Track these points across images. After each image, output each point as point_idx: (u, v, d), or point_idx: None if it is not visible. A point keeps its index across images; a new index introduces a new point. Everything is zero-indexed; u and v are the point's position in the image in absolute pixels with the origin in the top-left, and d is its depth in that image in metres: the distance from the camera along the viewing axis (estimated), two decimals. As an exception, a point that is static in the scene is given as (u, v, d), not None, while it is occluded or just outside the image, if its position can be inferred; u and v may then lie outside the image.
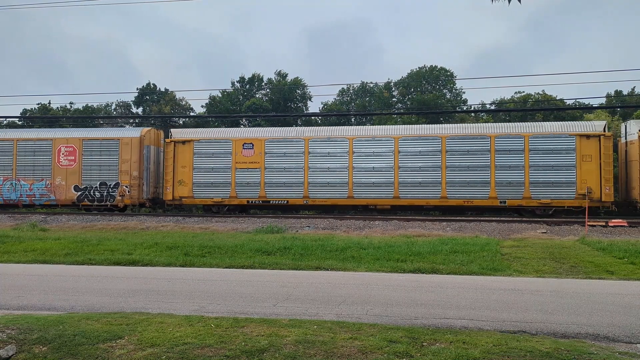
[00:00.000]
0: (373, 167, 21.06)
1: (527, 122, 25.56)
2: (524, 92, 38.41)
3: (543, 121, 28.41)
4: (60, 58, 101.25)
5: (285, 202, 21.66)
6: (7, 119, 39.54)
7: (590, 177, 19.52)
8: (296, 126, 38.66)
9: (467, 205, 20.51)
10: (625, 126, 21.08)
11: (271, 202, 21.79)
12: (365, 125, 38.09)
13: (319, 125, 33.41)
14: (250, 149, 21.96)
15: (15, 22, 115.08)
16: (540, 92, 37.55)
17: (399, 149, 20.94)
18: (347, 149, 21.29)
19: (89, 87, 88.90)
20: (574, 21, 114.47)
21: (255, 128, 25.12)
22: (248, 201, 21.92)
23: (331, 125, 32.77)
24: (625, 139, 21.01)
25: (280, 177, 21.68)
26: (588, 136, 19.61)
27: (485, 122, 32.32)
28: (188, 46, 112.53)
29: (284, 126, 35.54)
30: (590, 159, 19.59)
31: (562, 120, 27.84)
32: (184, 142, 22.37)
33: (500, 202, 20.17)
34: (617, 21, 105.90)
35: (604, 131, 19.69)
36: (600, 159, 19.51)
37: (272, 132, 22.54)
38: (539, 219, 19.13)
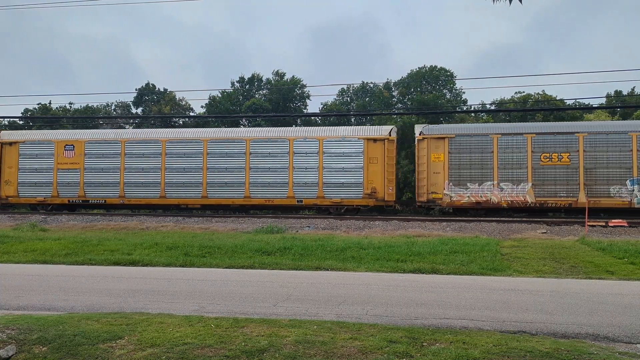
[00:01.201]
0: (184, 168, 22.33)
1: (323, 126, 27.72)
2: (524, 92, 38.42)
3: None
4: (64, 58, 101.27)
5: (103, 201, 22.89)
6: (8, 119, 39.54)
7: (376, 178, 21.00)
8: (296, 126, 38.65)
9: (269, 204, 21.97)
10: (414, 130, 22.25)
11: (90, 201, 23.01)
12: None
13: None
14: (71, 150, 23.00)
15: (20, 22, 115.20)
16: (541, 92, 37.54)
17: (208, 150, 22.20)
18: (161, 150, 22.50)
19: (93, 87, 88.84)
20: (578, 21, 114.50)
21: (76, 130, 26.35)
22: (69, 200, 23.03)
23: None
24: (415, 142, 22.26)
25: (99, 177, 22.81)
26: (375, 140, 21.10)
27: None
28: (192, 45, 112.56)
29: (284, 126, 35.53)
30: (376, 161, 21.05)
31: (560, 121, 27.93)
32: (10, 143, 23.47)
33: (298, 201, 21.62)
34: (617, 21, 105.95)
35: (389, 135, 21.21)
36: (384, 161, 21.00)
37: (90, 135, 23.67)
38: (539, 219, 19.15)
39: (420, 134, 21.08)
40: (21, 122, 43.27)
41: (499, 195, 20.17)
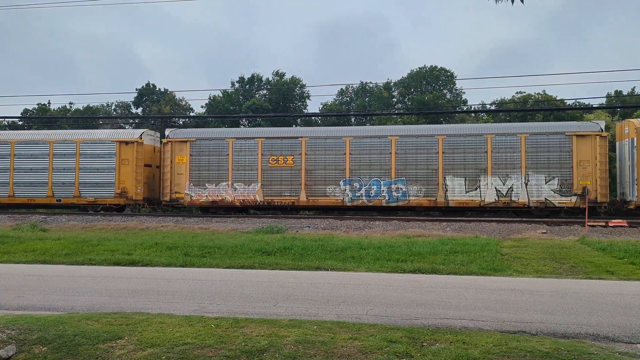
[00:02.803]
0: None
1: (83, 129, 29.36)
2: (524, 92, 38.40)
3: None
4: (66, 57, 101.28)
5: None
6: (7, 119, 39.52)
7: (127, 179, 22.42)
8: (296, 126, 38.66)
9: (31, 203, 23.40)
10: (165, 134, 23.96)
11: None
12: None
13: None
14: None
15: (21, 22, 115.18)
16: (541, 92, 37.52)
17: None
18: None
19: (95, 85, 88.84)
20: (581, 21, 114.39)
21: None
22: None
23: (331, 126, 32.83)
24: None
25: None
26: (127, 143, 22.58)
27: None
28: (194, 45, 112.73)
29: (284, 126, 35.53)
30: (128, 162, 22.44)
31: (560, 121, 27.93)
32: None
33: (57, 200, 22.98)
34: (617, 20, 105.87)
35: (140, 138, 22.66)
36: (135, 163, 22.38)
37: None
38: (539, 219, 19.16)
39: (166, 138, 22.48)
40: (20, 123, 43.27)
41: (232, 195, 21.80)
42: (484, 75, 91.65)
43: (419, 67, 44.71)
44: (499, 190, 20.03)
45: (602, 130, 19.63)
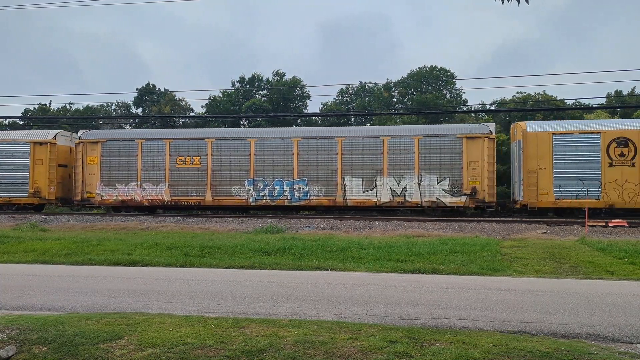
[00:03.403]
0: None
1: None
2: (525, 92, 38.40)
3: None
4: (67, 56, 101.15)
5: None
6: (8, 119, 39.53)
7: (41, 179, 23.14)
8: (297, 126, 38.67)
9: None
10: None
11: None
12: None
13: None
14: None
15: (22, 21, 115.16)
16: (541, 92, 37.52)
17: None
18: None
19: (96, 85, 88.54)
20: (583, 20, 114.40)
21: None
22: None
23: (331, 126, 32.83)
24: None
25: None
26: (41, 143, 23.21)
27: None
28: (195, 44, 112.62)
29: (284, 126, 35.52)
30: (42, 162, 23.14)
31: (561, 120, 27.94)
32: None
33: None
34: (618, 20, 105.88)
35: (54, 139, 23.30)
36: (49, 163, 23.15)
37: None
38: (539, 219, 19.17)
39: (79, 139, 23.16)
40: (21, 123, 43.27)
41: (141, 195, 22.52)
42: (485, 75, 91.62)
43: (419, 67, 44.73)
44: (394, 190, 20.58)
45: (491, 133, 20.11)
